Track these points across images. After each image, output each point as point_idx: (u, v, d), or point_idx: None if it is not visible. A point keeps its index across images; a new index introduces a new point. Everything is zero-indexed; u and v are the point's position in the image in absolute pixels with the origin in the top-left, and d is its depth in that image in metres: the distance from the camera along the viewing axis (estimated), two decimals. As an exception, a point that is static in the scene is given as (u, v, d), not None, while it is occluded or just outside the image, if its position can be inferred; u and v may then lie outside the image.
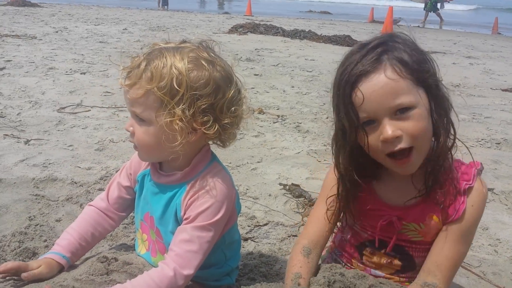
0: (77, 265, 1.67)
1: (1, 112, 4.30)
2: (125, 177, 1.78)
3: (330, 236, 1.68)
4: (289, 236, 2.50)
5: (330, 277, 1.42)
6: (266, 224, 2.62)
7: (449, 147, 1.42)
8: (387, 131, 1.32)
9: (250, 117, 1.66)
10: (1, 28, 10.14)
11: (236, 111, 1.55)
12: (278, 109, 5.21)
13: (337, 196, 1.56)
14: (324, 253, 1.74)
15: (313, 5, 36.43)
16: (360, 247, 1.61)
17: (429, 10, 23.60)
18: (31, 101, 4.76)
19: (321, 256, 1.63)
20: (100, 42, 9.29)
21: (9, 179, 2.90)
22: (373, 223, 1.54)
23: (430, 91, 1.37)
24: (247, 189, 3.06)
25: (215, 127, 1.50)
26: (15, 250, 2.06)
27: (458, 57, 10.92)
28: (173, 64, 1.44)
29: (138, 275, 1.51)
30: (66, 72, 6.24)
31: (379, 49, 1.35)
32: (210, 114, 1.49)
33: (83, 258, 1.74)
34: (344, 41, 11.97)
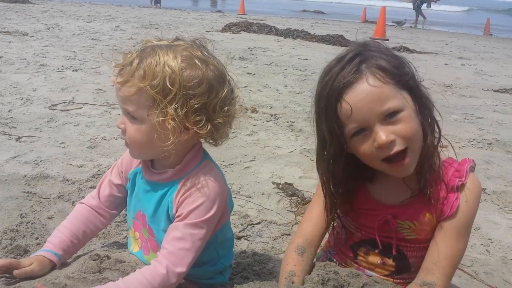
0: (69, 263, 1.66)
1: (-8, 109, 4.27)
2: (117, 175, 1.77)
3: (325, 235, 1.68)
4: (282, 234, 2.51)
5: (324, 275, 1.43)
6: (259, 223, 2.62)
7: (435, 145, 1.44)
8: (380, 137, 1.33)
9: (243, 116, 1.66)
10: (-8, 24, 10.07)
11: (229, 111, 1.55)
12: (271, 108, 5.21)
13: (324, 206, 1.58)
14: (319, 252, 1.75)
15: (307, 5, 36.52)
16: (355, 247, 1.61)
17: (415, 9, 23.76)
18: (23, 98, 4.72)
19: (315, 254, 1.63)
20: (92, 39, 9.24)
21: (0, 176, 2.88)
22: (368, 223, 1.55)
23: (413, 93, 1.39)
24: (240, 187, 3.06)
25: (208, 126, 1.49)
26: (6, 247, 2.04)
27: (450, 58, 11.01)
28: (166, 63, 1.43)
29: (131, 273, 1.51)
30: (58, 69, 6.20)
31: (357, 60, 1.36)
32: (203, 114, 1.48)
33: (75, 256, 1.73)
34: (337, 40, 12.05)
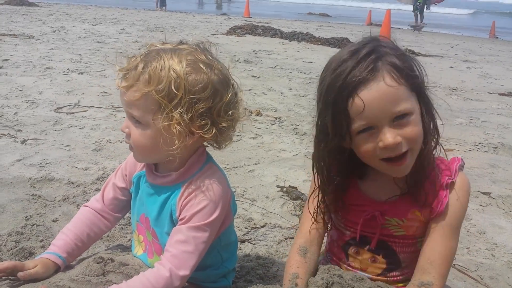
0: (73, 266, 1.66)
1: (-2, 112, 4.29)
2: (121, 178, 1.77)
3: (326, 234, 1.70)
4: (286, 238, 2.50)
5: (329, 278, 1.43)
6: (263, 226, 2.62)
7: (433, 149, 1.46)
8: (387, 138, 1.33)
9: (247, 119, 1.67)
10: (-2, 27, 10.14)
11: (233, 114, 1.55)
12: (275, 111, 5.21)
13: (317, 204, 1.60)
14: (319, 257, 1.75)
15: (312, 7, 36.53)
16: (345, 246, 1.61)
17: (415, 11, 23.64)
18: (28, 100, 4.75)
19: (319, 254, 1.64)
20: (98, 42, 9.28)
21: (5, 178, 2.90)
22: (356, 219, 1.55)
23: (421, 97, 1.40)
24: (244, 191, 3.06)
25: (213, 130, 1.50)
26: (11, 250, 2.05)
27: (456, 61, 10.97)
28: (171, 67, 1.43)
29: (134, 276, 1.51)
30: (64, 72, 6.23)
31: (373, 56, 1.34)
32: (208, 118, 1.49)
33: (79, 259, 1.73)
34: (342, 43, 12.00)
